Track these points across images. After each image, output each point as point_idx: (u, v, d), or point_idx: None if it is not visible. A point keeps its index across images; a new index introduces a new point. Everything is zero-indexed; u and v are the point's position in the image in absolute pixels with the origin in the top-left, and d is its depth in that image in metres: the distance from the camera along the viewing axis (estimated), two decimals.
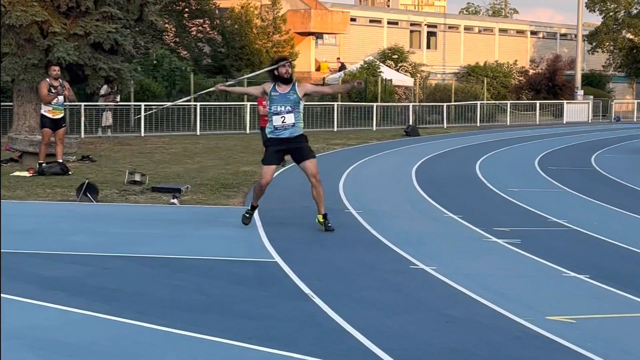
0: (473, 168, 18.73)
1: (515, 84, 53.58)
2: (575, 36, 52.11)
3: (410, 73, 46.97)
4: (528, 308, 6.79)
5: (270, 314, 6.44)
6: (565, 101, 45.66)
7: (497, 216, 11.86)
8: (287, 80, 9.90)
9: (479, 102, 40.26)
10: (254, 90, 10.72)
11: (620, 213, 12.42)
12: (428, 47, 58.80)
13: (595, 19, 71.48)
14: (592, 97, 48.34)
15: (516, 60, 55.94)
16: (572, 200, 13.89)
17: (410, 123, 34.30)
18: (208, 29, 39.82)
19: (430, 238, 9.98)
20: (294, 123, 9.89)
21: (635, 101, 51.61)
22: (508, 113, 41.31)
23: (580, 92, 48.05)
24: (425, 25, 58.99)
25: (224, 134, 28.58)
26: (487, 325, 6.29)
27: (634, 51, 59.87)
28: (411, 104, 37.68)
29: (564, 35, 66.75)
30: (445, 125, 36.94)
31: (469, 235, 10.24)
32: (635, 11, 60.47)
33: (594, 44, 60.42)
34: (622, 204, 13.12)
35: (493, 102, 43.37)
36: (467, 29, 61.62)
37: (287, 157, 11.88)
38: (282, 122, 9.85)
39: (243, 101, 31.45)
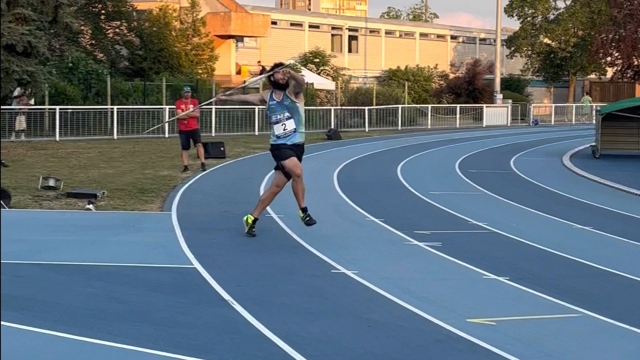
0: (395, 171, 18.89)
1: (435, 87, 54.32)
2: (494, 41, 53.08)
3: (331, 77, 47.18)
4: (449, 311, 6.86)
5: (189, 322, 6.36)
6: (484, 105, 46.45)
7: (418, 219, 11.97)
8: (282, 87, 9.88)
9: (400, 106, 40.68)
10: (253, 97, 10.77)
11: (539, 215, 12.67)
12: (349, 51, 59.19)
13: (514, 24, 73.03)
14: (511, 101, 49.30)
15: (437, 64, 56.72)
16: (491, 202, 14.12)
17: (332, 127, 34.42)
18: (125, 31, 39.28)
19: (352, 242, 10.01)
20: (295, 128, 9.89)
21: (553, 105, 52.82)
22: (429, 116, 41.83)
23: (500, 96, 48.96)
24: (346, 29, 59.38)
25: (142, 138, 28.22)
26: (408, 329, 6.33)
27: (551, 56, 61.35)
28: (333, 108, 37.82)
29: (483, 39, 68.00)
30: (367, 128, 37.20)
31: (391, 238, 10.30)
32: (552, 16, 61.97)
33: (513, 48, 61.69)
34: (541, 206, 13.39)
35: (414, 105, 43.86)
36: (388, 33, 62.26)
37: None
38: (284, 129, 9.85)
39: (162, 104, 31.11)
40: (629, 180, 17.21)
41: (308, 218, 9.99)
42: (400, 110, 40.11)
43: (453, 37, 66.34)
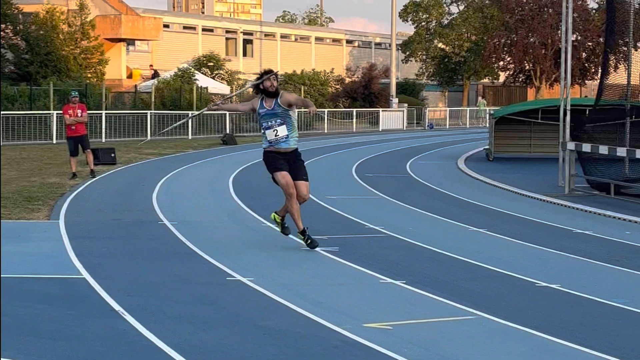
0: None
1: (332, 92, 54.72)
2: (390, 45, 53.84)
3: (226, 81, 46.96)
4: (345, 316, 6.86)
5: (78, 334, 6.18)
6: (381, 109, 47.04)
7: (315, 224, 11.94)
8: (273, 94, 9.79)
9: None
10: (243, 107, 10.67)
11: (435, 218, 12.86)
12: (244, 54, 59.10)
13: (409, 29, 74.28)
14: (406, 105, 50.10)
15: (333, 69, 57.15)
16: (388, 206, 14.26)
17: (228, 131, 34.25)
18: (11, 35, 38.17)
19: (248, 248, 9.94)
20: (287, 135, 9.78)
21: (447, 109, 53.91)
22: (325, 121, 42.08)
23: (395, 100, 49.68)
24: (241, 32, 59.27)
25: (29, 145, 27.46)
26: (304, 336, 6.30)
27: (446, 60, 62.61)
28: (228, 113, 37.63)
29: (379, 44, 68.91)
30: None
31: (287, 244, 10.27)
32: (446, 21, 63.26)
33: (408, 53, 62.74)
34: (436, 209, 13.59)
35: None
36: (284, 37, 62.43)
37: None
38: (276, 135, 9.74)
39: (49, 109, 30.34)
40: (521, 182, 17.66)
41: (310, 241, 9.77)
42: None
43: (349, 42, 67.01)
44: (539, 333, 6.45)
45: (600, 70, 19.42)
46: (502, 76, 62.60)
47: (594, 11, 57.71)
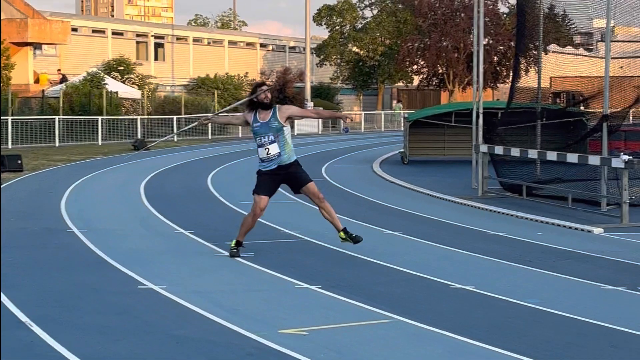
0: (205, 181, 18.74)
1: (246, 96, 54.59)
2: (304, 49, 53.97)
3: (137, 85, 46.37)
4: (261, 323, 6.82)
5: None
6: None
7: (229, 230, 11.86)
8: (268, 106, 9.63)
9: (211, 114, 40.56)
10: (236, 120, 10.55)
11: (351, 222, 12.86)
12: (156, 58, 58.48)
13: (323, 33, 74.58)
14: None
15: (247, 73, 57.00)
16: (304, 211, 14.25)
17: (139, 137, 33.81)
18: None
19: (160, 256, 9.80)
20: (279, 153, 9.60)
21: (362, 112, 54.31)
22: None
23: (310, 104, 49.76)
24: (152, 36, 58.61)
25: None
26: (218, 344, 6.24)
27: (360, 64, 63.09)
28: (139, 117, 37.17)
29: (293, 48, 69.03)
30: (175, 138, 36.82)
31: (201, 250, 10.18)
32: (360, 25, 63.76)
33: (322, 57, 63.00)
34: (352, 213, 13.64)
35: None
36: (196, 40, 61.99)
37: None
38: (267, 153, 9.60)
39: None
40: (435, 185, 17.88)
41: (234, 251, 9.65)
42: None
43: (263, 45, 66.95)
44: (454, 335, 6.52)
45: (511, 74, 19.81)
46: (416, 80, 63.40)
47: (505, 15, 58.92)
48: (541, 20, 18.13)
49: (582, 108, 24.04)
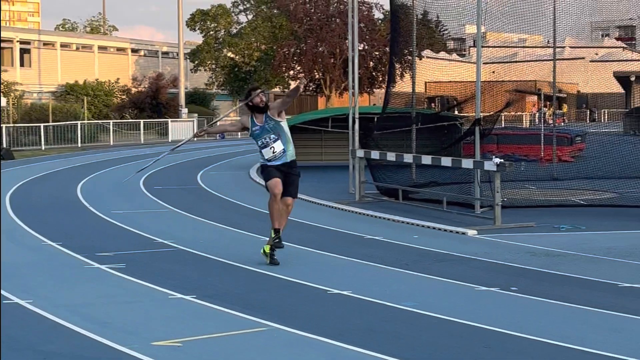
0: (74, 191, 18.29)
1: (117, 102, 53.62)
2: (178, 54, 53.44)
3: (2, 92, 44.91)
4: (133, 335, 6.68)
5: None
6: (169, 119, 46.58)
7: (100, 241, 11.62)
8: (262, 109, 9.80)
9: (79, 122, 39.64)
10: (232, 126, 10.85)
11: (227, 229, 12.83)
12: (22, 64, 56.81)
13: (197, 38, 74.05)
14: (196, 114, 49.88)
15: (118, 79, 56.02)
16: (178, 219, 14.08)
17: (4, 145, 32.75)
18: None
19: (26, 269, 9.50)
20: (283, 149, 9.86)
21: (239, 118, 54.08)
22: (111, 132, 41.15)
23: (185, 110, 49.38)
24: (17, 41, 56.89)
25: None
26: (88, 358, 6.08)
27: (236, 69, 62.93)
28: (4, 126, 36.01)
29: (166, 53, 68.28)
30: (43, 147, 35.84)
31: (69, 263, 9.91)
32: (235, 30, 63.60)
33: (197, 62, 62.51)
34: (229, 220, 13.57)
35: (95, 121, 42.95)
36: (64, 46, 60.55)
37: None
38: (273, 152, 9.83)
39: None
40: (313, 191, 17.94)
41: (277, 240, 9.85)
42: (79, 127, 39.08)
43: (134, 51, 65.93)
44: (331, 341, 6.54)
45: (387, 79, 20.15)
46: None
47: (380, 21, 59.86)
48: (414, 26, 18.51)
49: (456, 112, 24.68)
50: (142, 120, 44.50)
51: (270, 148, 9.85)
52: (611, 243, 11.17)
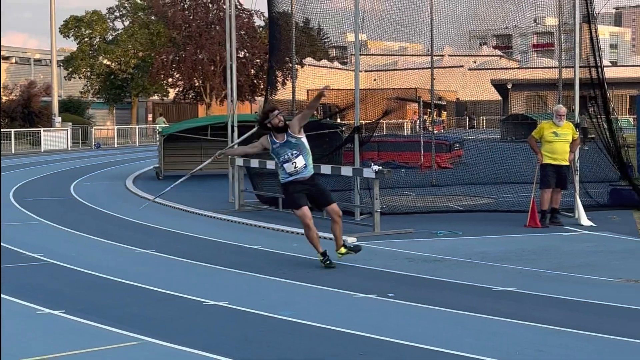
0: None
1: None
2: (51, 61, 52.22)
3: None
4: None
5: None
6: (42, 129, 45.43)
7: None
8: (283, 129, 9.96)
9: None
10: (253, 149, 10.79)
11: (100, 242, 12.57)
12: None
13: (72, 45, 72.61)
14: (71, 123, 48.82)
15: None
16: (49, 232, 13.73)
17: None
18: None
19: None
20: (305, 164, 10.06)
21: (116, 127, 53.29)
22: None
23: (58, 119, 48.23)
24: None
25: None
26: None
27: (112, 77, 61.93)
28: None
29: (39, 60, 66.74)
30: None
31: None
32: (111, 37, 62.59)
33: (71, 69, 61.25)
34: (102, 232, 13.30)
35: None
36: None
37: None
38: (295, 167, 10.02)
39: None
40: (192, 200, 17.78)
41: (328, 262, 10.15)
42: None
43: (5, 58, 64.13)
44: (205, 353, 6.47)
45: (268, 87, 20.11)
46: (172, 93, 63.08)
47: (261, 28, 59.96)
48: (293, 34, 18.59)
49: (338, 120, 24.89)
50: (12, 130, 43.27)
51: (292, 163, 10.05)
52: (486, 248, 11.44)
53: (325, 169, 14.48)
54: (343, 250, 10.45)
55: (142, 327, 7.30)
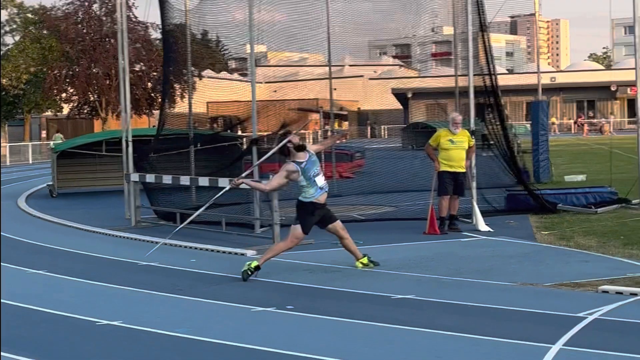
0: None
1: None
2: None
3: None
4: None
5: None
6: None
7: None
8: (303, 147, 10.28)
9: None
10: (282, 179, 10.47)
11: None
12: None
13: None
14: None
15: None
16: None
17: None
18: None
19: None
20: (325, 182, 10.50)
21: (8, 144, 52.04)
22: None
23: None
24: None
25: None
26: None
27: (3, 93, 60.44)
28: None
29: None
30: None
31: None
32: (1, 52, 61.11)
33: None
34: None
35: None
36: None
37: None
38: (324, 179, 10.49)
39: None
40: (87, 218, 17.47)
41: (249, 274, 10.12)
42: None
43: None
44: None
45: (169, 101, 19.92)
46: (66, 108, 61.90)
47: (158, 41, 59.37)
48: (189, 46, 18.48)
49: (240, 132, 24.81)
50: None
51: (322, 175, 10.48)
52: (387, 256, 11.53)
53: (223, 182, 14.38)
54: (365, 260, 10.77)
55: (32, 350, 7.13)
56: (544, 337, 6.99)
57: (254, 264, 10.22)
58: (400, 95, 59.42)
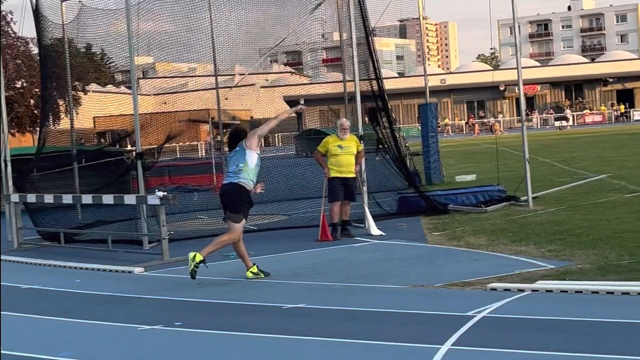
0: None
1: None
2: None
3: None
4: None
5: None
6: None
7: None
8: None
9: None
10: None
11: None
12: None
13: None
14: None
15: None
16: None
17: None
18: None
19: None
20: None
21: None
22: None
23: None
24: None
25: None
26: None
27: None
28: None
29: None
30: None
31: None
32: None
33: None
34: None
35: None
36: None
37: None
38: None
39: None
40: None
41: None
42: None
43: None
44: None
45: (50, 117, 19.42)
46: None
47: (39, 57, 58.11)
48: (67, 60, 18.14)
49: (129, 146, 24.44)
50: None
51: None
52: (278, 265, 11.51)
53: (108, 199, 14.16)
54: (255, 269, 10.80)
55: None
56: (433, 338, 7.06)
57: (198, 257, 10.24)
58: (292, 102, 59.64)
